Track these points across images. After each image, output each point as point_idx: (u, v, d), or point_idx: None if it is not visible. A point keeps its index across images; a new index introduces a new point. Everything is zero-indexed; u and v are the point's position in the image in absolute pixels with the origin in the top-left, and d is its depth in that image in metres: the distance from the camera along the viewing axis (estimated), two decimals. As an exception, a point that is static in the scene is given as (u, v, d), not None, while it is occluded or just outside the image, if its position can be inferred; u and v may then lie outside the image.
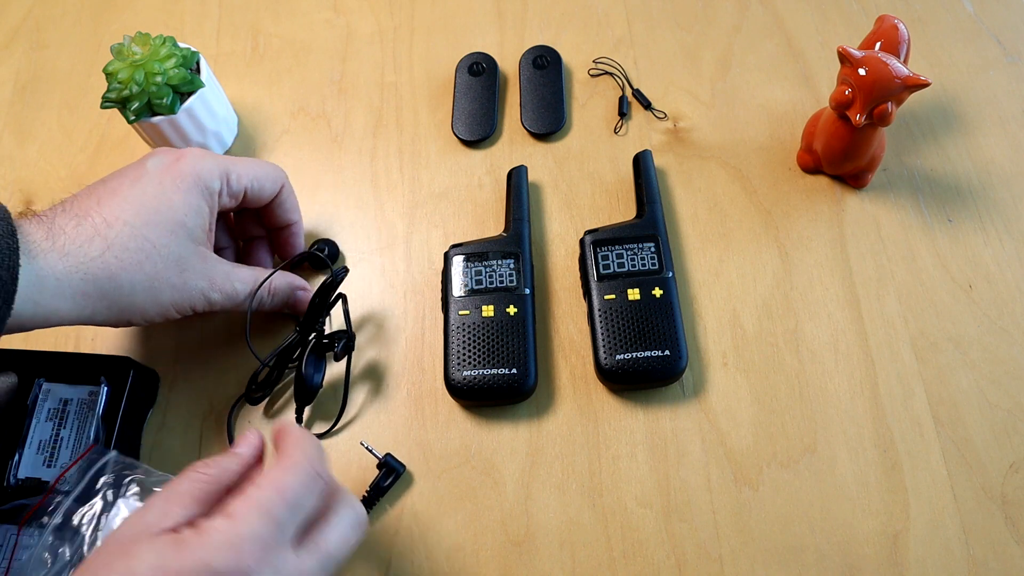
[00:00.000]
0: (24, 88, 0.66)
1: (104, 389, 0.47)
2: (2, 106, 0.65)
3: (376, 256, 0.56)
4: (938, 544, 0.44)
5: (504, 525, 0.46)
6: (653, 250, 0.51)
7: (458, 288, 0.51)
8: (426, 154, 0.59)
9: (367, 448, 0.48)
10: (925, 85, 0.46)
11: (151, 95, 0.52)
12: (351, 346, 0.49)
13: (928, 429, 0.47)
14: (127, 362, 0.48)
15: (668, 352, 0.48)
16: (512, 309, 0.50)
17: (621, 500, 0.46)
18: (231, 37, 0.67)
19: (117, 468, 0.44)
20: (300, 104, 0.63)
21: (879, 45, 0.50)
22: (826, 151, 0.53)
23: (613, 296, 0.50)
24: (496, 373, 0.48)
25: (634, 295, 0.50)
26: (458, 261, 0.52)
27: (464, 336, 0.49)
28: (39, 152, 0.62)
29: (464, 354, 0.49)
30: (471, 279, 0.51)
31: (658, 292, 0.50)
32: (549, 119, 0.60)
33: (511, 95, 0.62)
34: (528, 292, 0.51)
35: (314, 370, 0.49)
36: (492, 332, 0.49)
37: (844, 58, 0.48)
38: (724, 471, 0.47)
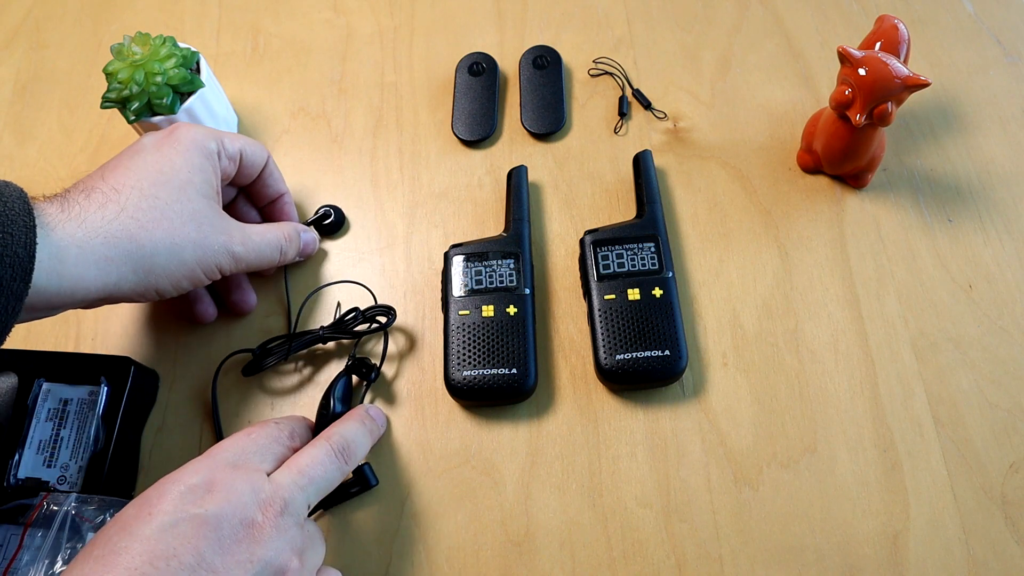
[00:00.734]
0: (24, 88, 0.66)
1: (104, 389, 0.47)
2: (2, 106, 0.65)
3: (376, 256, 0.56)
4: (938, 544, 0.44)
5: (504, 525, 0.46)
6: (653, 250, 0.51)
7: (458, 288, 0.51)
8: (426, 154, 0.59)
9: None
10: (925, 85, 0.46)
11: (151, 95, 0.52)
12: (376, 377, 0.50)
13: (928, 429, 0.47)
14: (127, 362, 0.48)
15: (668, 352, 0.48)
16: (512, 309, 0.50)
17: (621, 500, 0.46)
18: (231, 37, 0.67)
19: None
20: (300, 104, 0.63)
21: (879, 45, 0.50)
22: (826, 151, 0.53)
23: (613, 296, 0.50)
24: (496, 373, 0.48)
25: (634, 295, 0.50)
26: (458, 261, 0.52)
27: (464, 336, 0.49)
28: (39, 152, 0.62)
29: (464, 354, 0.49)
30: (471, 279, 0.51)
31: (658, 292, 0.50)
32: (549, 119, 0.60)
33: (511, 95, 0.62)
34: (528, 292, 0.51)
35: (343, 394, 0.48)
36: (492, 332, 0.49)
37: (844, 58, 0.48)
38: (724, 471, 0.47)
